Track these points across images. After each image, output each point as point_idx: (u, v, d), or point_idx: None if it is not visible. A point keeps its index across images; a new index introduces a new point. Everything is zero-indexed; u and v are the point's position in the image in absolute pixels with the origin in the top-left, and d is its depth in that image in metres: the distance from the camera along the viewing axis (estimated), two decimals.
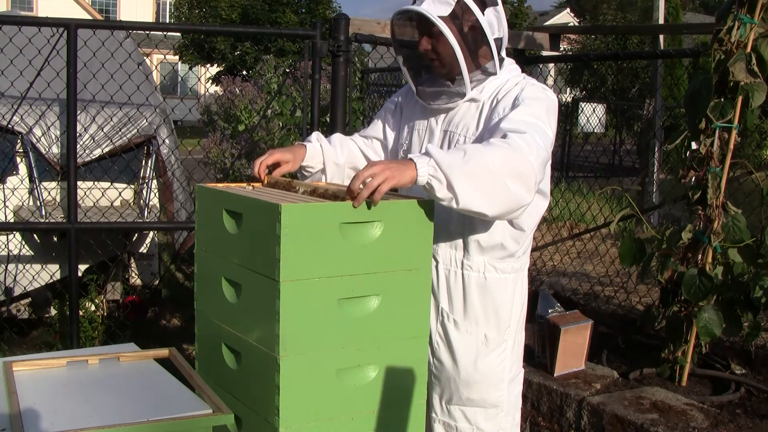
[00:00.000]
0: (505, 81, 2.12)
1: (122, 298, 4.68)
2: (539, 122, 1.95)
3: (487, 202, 1.81)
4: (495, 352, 2.19)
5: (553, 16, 36.01)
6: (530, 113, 1.96)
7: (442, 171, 1.77)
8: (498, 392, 2.21)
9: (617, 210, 4.39)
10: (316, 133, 2.33)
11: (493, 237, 2.13)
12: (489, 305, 2.17)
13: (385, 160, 2.27)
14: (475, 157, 1.79)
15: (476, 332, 2.18)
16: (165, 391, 1.81)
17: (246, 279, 1.87)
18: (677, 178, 3.54)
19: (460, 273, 2.17)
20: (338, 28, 3.58)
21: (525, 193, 1.84)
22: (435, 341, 2.21)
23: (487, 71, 2.09)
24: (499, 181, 1.80)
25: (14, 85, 4.05)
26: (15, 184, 4.38)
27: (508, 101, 2.04)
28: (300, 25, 23.17)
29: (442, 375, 2.22)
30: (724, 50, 3.30)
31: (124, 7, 34.23)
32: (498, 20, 2.06)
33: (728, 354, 3.89)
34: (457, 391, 2.21)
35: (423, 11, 2.00)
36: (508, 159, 1.81)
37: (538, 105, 2.00)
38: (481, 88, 2.11)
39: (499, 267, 2.16)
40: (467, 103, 2.13)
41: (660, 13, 7.24)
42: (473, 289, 2.16)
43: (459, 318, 2.18)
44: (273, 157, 2.14)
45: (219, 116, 7.08)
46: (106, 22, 5.57)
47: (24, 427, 1.56)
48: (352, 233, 1.82)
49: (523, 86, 2.07)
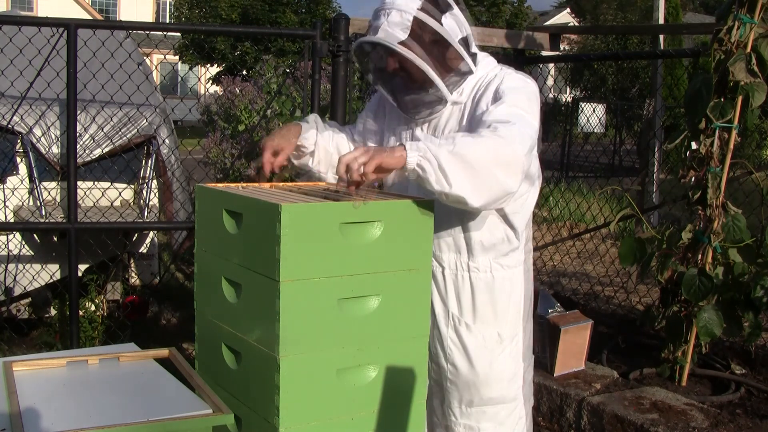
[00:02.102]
0: (483, 75, 2.11)
1: (122, 298, 4.68)
2: (522, 111, 1.95)
3: (475, 190, 1.80)
4: (509, 348, 2.20)
5: (553, 16, 36.01)
6: (512, 104, 1.96)
7: (432, 153, 1.76)
8: (515, 385, 2.23)
9: (617, 210, 4.39)
10: (313, 114, 2.32)
11: (495, 234, 2.13)
12: (499, 303, 2.17)
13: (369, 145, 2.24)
14: (464, 144, 1.79)
15: (489, 332, 2.17)
16: (165, 391, 1.81)
17: (246, 279, 1.87)
18: (677, 178, 3.54)
19: (467, 276, 2.16)
20: (338, 28, 3.57)
21: (512, 181, 1.84)
22: (448, 347, 2.19)
23: (462, 72, 2.08)
24: (488, 169, 1.80)
25: (14, 85, 4.05)
26: (15, 184, 4.38)
27: (488, 95, 2.04)
28: (300, 25, 23.16)
29: (459, 380, 2.20)
30: (724, 50, 3.30)
31: (124, 7, 34.23)
32: (457, 22, 2.05)
33: (728, 354, 3.89)
34: (477, 393, 2.20)
35: (382, 41, 1.99)
36: (496, 147, 1.81)
37: (519, 95, 2.00)
38: (461, 90, 2.10)
39: (505, 263, 2.16)
40: (450, 107, 2.13)
41: (660, 13, 7.24)
42: (482, 289, 2.15)
43: (470, 321, 2.17)
44: (269, 151, 2.13)
45: (219, 116, 7.08)
46: (106, 22, 5.56)
47: (24, 427, 1.56)
48: (352, 233, 1.82)
49: (501, 77, 2.07)
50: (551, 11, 38.38)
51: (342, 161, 1.78)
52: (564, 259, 6.16)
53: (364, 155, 1.77)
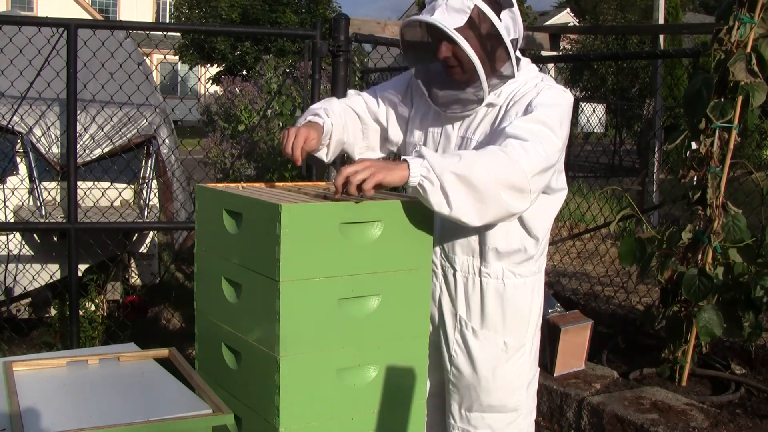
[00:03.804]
0: (522, 83, 2.04)
1: (122, 298, 4.68)
2: (546, 129, 1.88)
3: (477, 212, 1.78)
4: (514, 358, 2.15)
5: (553, 16, 35.99)
6: (539, 120, 1.88)
7: (435, 173, 1.74)
8: (517, 396, 2.19)
9: (617, 210, 4.39)
10: (322, 108, 2.17)
11: (511, 243, 2.08)
12: (508, 312, 2.12)
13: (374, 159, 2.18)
14: (469, 163, 1.75)
15: (495, 340, 2.13)
16: (165, 391, 1.81)
17: (246, 279, 1.87)
18: (677, 178, 3.54)
19: (478, 280, 2.11)
20: (338, 28, 3.58)
21: (517, 202, 1.80)
22: (453, 349, 2.17)
23: (504, 75, 2.00)
24: (491, 189, 1.76)
25: (14, 85, 4.05)
26: (15, 184, 4.38)
27: (521, 106, 1.97)
28: (300, 25, 23.16)
29: (460, 383, 2.18)
30: (724, 50, 3.30)
31: (124, 7, 34.24)
32: (514, 21, 1.97)
33: (728, 354, 3.89)
34: (477, 399, 2.17)
35: (438, 23, 1.89)
36: (501, 167, 1.77)
37: (551, 111, 1.92)
38: (499, 92, 2.03)
39: (517, 272, 2.12)
40: (485, 107, 2.05)
41: (660, 13, 7.25)
42: (491, 296, 2.11)
43: (477, 326, 2.13)
44: (301, 136, 2.00)
45: (219, 116, 7.09)
46: (106, 22, 5.57)
47: (24, 427, 1.56)
48: (352, 233, 1.82)
49: (539, 90, 1.99)
50: (551, 11, 38.36)
51: (342, 173, 1.76)
52: (564, 259, 6.16)
53: (365, 171, 1.74)
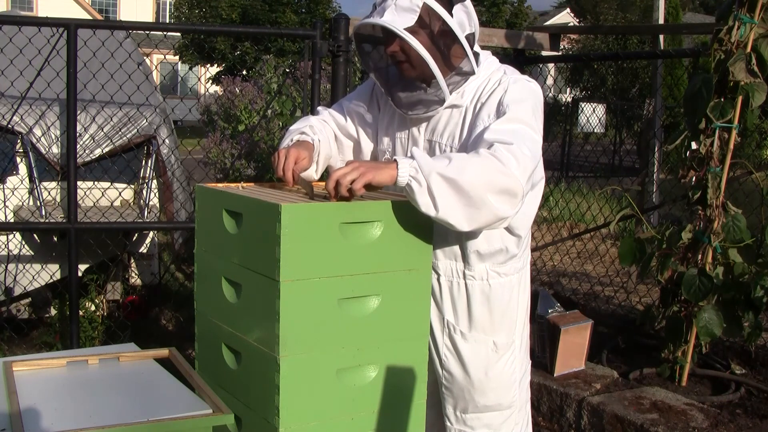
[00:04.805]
0: (486, 80, 2.01)
1: (122, 298, 4.68)
2: (525, 127, 1.87)
3: (465, 216, 1.77)
4: (505, 357, 2.16)
5: (553, 16, 36.02)
6: (516, 119, 1.87)
7: (423, 174, 1.73)
8: (512, 393, 2.19)
9: (617, 210, 4.39)
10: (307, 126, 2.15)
11: (492, 244, 2.07)
12: (496, 312, 2.12)
13: (362, 160, 2.19)
14: (459, 167, 1.74)
15: (485, 341, 2.13)
16: (165, 391, 1.81)
17: (246, 279, 1.87)
18: (677, 178, 3.54)
19: (463, 283, 2.11)
20: (338, 28, 3.58)
21: (506, 207, 1.79)
22: (443, 354, 2.16)
23: (463, 71, 1.97)
24: (480, 195, 1.75)
25: (14, 85, 4.05)
26: (15, 184, 4.38)
27: (491, 106, 1.94)
28: (300, 25, 23.17)
29: (453, 386, 2.18)
30: (724, 50, 3.30)
31: (124, 7, 34.22)
32: (468, 16, 1.94)
33: (728, 354, 3.89)
34: (472, 400, 2.17)
35: (387, 25, 1.87)
36: (492, 172, 1.76)
37: (523, 108, 1.90)
38: (462, 92, 2.00)
39: (502, 271, 2.11)
40: (449, 109, 2.02)
41: (660, 13, 7.24)
42: (477, 298, 2.10)
43: (465, 329, 2.13)
44: (291, 157, 1.98)
45: (219, 116, 7.09)
46: (106, 22, 5.56)
47: (24, 427, 1.56)
48: (352, 233, 1.82)
49: (506, 86, 1.95)
50: (551, 11, 38.39)
51: (332, 176, 1.77)
52: (564, 259, 6.16)
53: (355, 172, 1.75)
